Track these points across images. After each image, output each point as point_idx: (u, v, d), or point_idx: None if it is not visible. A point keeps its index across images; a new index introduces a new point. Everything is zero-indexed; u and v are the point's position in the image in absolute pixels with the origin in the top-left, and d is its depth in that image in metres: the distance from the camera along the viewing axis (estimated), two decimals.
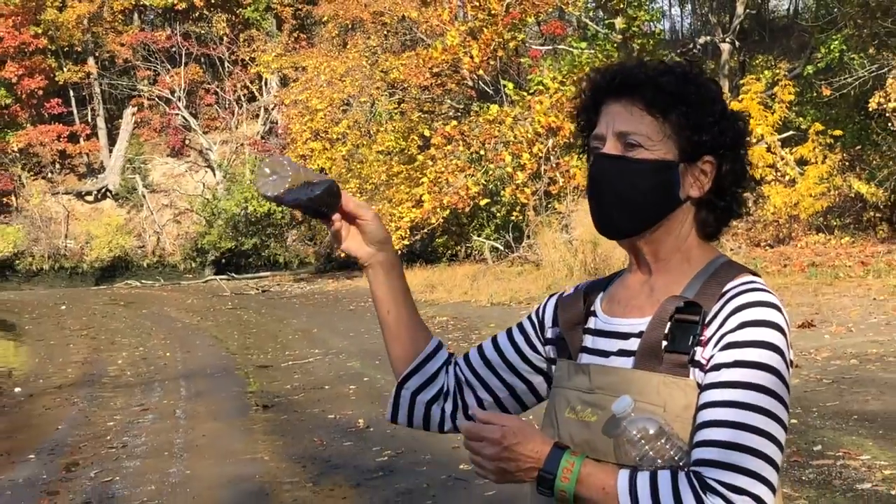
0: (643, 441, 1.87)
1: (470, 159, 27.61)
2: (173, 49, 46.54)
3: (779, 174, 23.94)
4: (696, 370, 1.93)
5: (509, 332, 2.36)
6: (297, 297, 28.83)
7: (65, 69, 45.34)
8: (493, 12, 27.08)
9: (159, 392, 13.16)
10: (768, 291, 1.96)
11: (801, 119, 25.51)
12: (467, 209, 27.61)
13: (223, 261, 42.59)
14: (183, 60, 46.29)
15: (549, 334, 2.28)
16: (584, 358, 2.11)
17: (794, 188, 23.33)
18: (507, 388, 2.33)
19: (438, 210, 27.15)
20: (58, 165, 46.54)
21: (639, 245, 2.09)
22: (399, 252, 28.36)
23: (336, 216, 2.21)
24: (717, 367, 1.90)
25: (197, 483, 8.09)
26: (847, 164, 24.16)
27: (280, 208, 40.08)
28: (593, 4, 32.77)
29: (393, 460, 8.26)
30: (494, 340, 2.38)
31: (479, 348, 2.39)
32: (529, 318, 2.35)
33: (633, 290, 2.11)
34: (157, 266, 44.58)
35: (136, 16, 49.08)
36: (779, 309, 1.94)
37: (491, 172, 27.45)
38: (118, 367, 15.94)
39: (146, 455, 9.35)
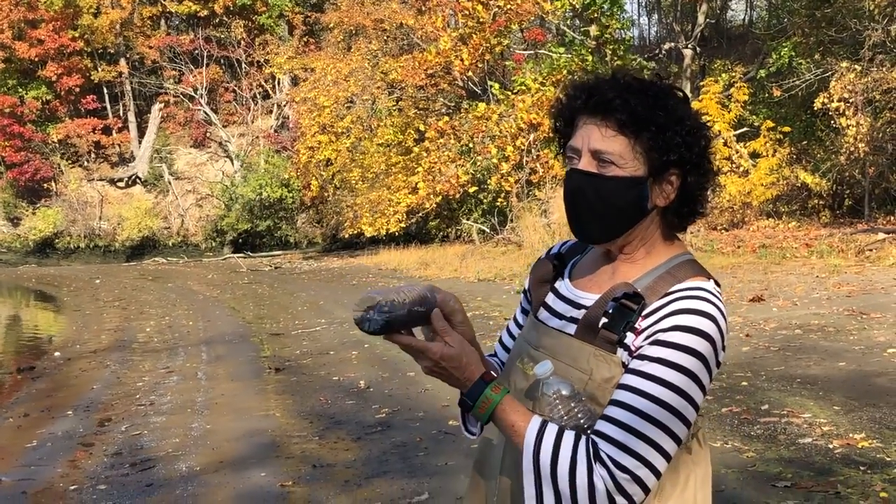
0: (557, 401, 1.91)
1: (460, 151, 27.61)
2: (196, 51, 46.35)
3: (734, 166, 24.00)
4: (624, 351, 1.94)
5: (515, 318, 2.32)
6: (305, 273, 28.78)
7: (99, 69, 45.17)
8: (481, 20, 27.04)
9: (183, 356, 13.15)
10: (712, 302, 1.93)
11: (754, 117, 25.54)
12: (457, 195, 27.62)
13: (240, 240, 42.51)
14: (205, 62, 46.13)
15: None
16: (542, 314, 2.13)
17: (747, 178, 23.40)
18: None
19: (432, 196, 27.17)
20: (93, 155, 46.41)
21: (609, 247, 2.08)
22: (396, 233, 28.55)
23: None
24: (642, 358, 1.90)
25: (216, 436, 8.10)
26: (794, 157, 24.21)
27: (290, 193, 40.07)
28: (571, 14, 32.64)
29: (390, 417, 8.26)
30: (509, 330, 2.34)
31: (502, 343, 2.35)
32: (526, 295, 2.31)
33: (599, 269, 2.11)
34: (182, 245, 44.52)
35: (163, 21, 48.84)
36: (715, 320, 1.91)
37: (479, 163, 27.45)
38: (146, 335, 15.93)
39: (171, 412, 9.35)
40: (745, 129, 25.10)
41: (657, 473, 1.87)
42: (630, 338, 1.94)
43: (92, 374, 12.29)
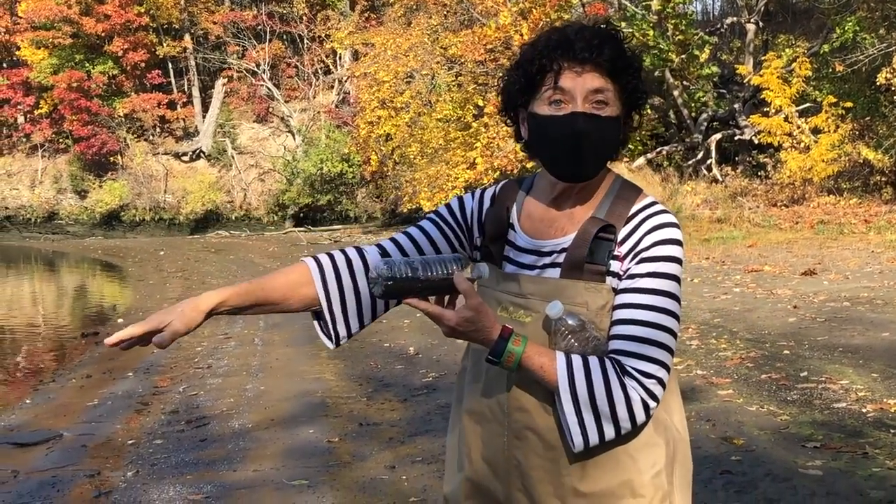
0: (569, 334, 2.13)
1: None
2: (259, 27, 46.80)
3: (795, 141, 23.80)
4: (612, 278, 2.17)
5: (427, 235, 2.43)
6: None
7: (164, 44, 45.82)
8: None
9: (241, 324, 13.49)
10: (666, 211, 2.20)
11: (816, 92, 25.23)
12: (515, 171, 27.69)
13: (301, 215, 42.96)
14: (267, 37, 46.55)
15: (477, 242, 2.43)
16: (508, 268, 2.31)
17: (808, 154, 23.18)
18: None
19: (490, 172, 27.25)
20: (158, 129, 47.10)
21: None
22: None
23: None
24: (633, 277, 2.14)
25: (269, 397, 8.40)
26: (857, 133, 23.92)
27: (350, 168, 40.39)
28: None
29: (436, 381, 8.50)
30: (412, 241, 2.43)
31: (398, 247, 2.43)
32: (450, 223, 2.44)
33: (555, 213, 2.28)
34: (244, 218, 45.06)
35: None
36: (677, 225, 2.18)
37: None
38: None
39: (227, 374, 9.69)
40: (807, 104, 24.85)
41: (669, 370, 2.15)
42: (615, 265, 2.17)
43: None
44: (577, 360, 2.11)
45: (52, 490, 6.00)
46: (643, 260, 2.14)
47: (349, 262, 2.40)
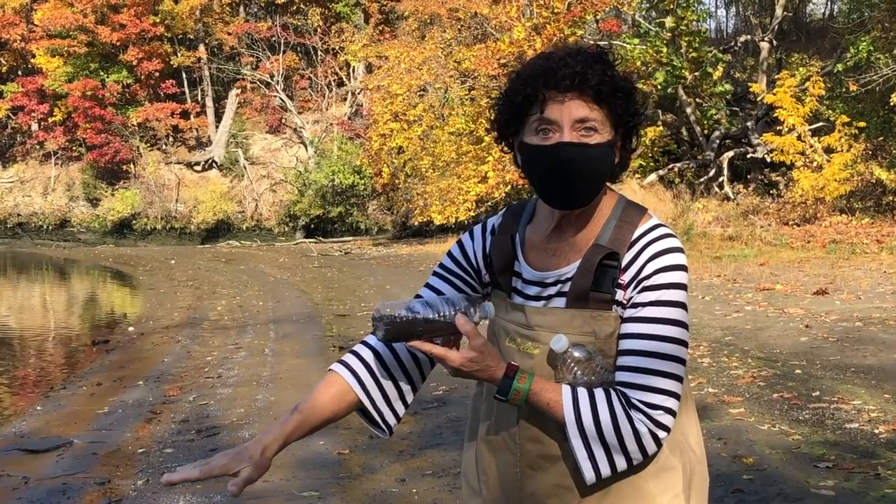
0: (575, 366, 2.13)
1: None
2: (273, 38, 46.91)
3: (807, 160, 23.79)
4: (617, 306, 2.15)
5: (436, 292, 2.42)
6: (374, 259, 29.10)
7: (178, 54, 45.94)
8: (555, 10, 27.08)
9: (252, 334, 13.49)
10: (671, 235, 2.18)
11: (830, 112, 25.24)
12: (527, 185, 27.66)
13: (312, 226, 42.98)
14: (281, 49, 46.67)
15: (486, 279, 2.40)
16: (517, 299, 2.29)
17: (820, 173, 23.19)
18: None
19: (501, 185, 27.32)
20: (171, 138, 47.20)
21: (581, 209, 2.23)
22: (465, 222, 28.71)
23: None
24: (636, 306, 2.12)
25: (279, 407, 8.38)
26: (870, 152, 23.93)
27: (362, 180, 40.46)
28: (647, 4, 32.56)
29: (446, 394, 8.49)
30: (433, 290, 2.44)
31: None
32: (454, 271, 2.44)
33: (557, 243, 2.25)
34: (255, 229, 45.10)
35: (241, 8, 49.53)
36: (681, 250, 2.16)
37: None
38: (217, 313, 16.33)
39: (237, 384, 9.67)
40: (820, 124, 24.85)
41: (678, 398, 2.12)
42: (619, 293, 2.15)
43: (163, 348, 12.69)
44: (583, 396, 2.10)
45: (62, 497, 6.00)
46: (646, 289, 2.12)
47: (376, 354, 2.39)
